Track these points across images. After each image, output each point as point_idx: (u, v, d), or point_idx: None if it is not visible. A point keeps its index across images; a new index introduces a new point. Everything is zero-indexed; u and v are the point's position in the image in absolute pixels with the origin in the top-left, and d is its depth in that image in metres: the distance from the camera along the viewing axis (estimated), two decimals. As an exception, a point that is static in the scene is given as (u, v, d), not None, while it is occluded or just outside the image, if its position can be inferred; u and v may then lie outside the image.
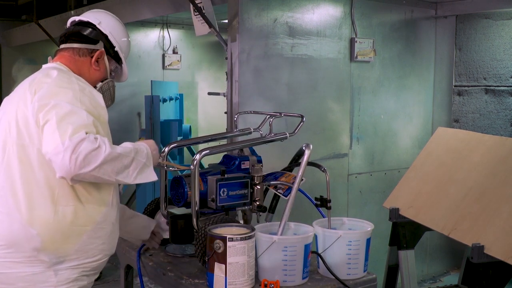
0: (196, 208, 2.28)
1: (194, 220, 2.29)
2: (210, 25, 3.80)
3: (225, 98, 3.87)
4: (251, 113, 3.06)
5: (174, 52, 6.63)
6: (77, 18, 2.39)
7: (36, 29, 6.69)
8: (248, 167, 2.55)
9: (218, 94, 4.29)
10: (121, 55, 2.38)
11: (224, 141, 3.49)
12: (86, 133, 1.94)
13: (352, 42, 4.30)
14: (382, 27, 4.55)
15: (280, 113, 2.74)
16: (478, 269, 2.60)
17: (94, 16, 2.37)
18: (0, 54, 8.30)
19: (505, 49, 4.76)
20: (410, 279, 3.21)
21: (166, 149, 2.48)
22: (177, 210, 2.56)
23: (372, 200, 4.58)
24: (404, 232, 3.22)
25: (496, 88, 4.83)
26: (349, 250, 2.27)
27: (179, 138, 5.58)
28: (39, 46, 8.02)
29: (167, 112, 5.78)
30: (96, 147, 1.92)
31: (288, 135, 2.59)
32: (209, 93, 4.83)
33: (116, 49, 2.35)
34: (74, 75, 2.21)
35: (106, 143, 1.97)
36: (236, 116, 2.95)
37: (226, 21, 3.84)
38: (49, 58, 2.34)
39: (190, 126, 6.06)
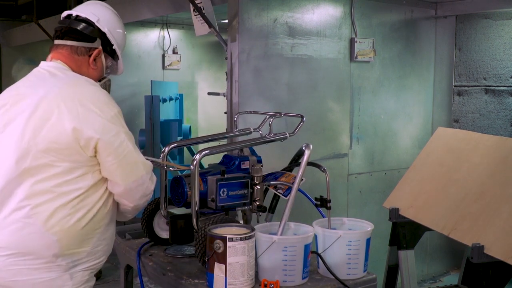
0: (196, 208, 2.28)
1: (194, 220, 2.29)
2: (210, 25, 3.80)
3: (225, 98, 3.87)
4: (251, 113, 3.06)
5: (174, 52, 6.63)
6: (74, 13, 2.28)
7: (36, 29, 6.70)
8: (248, 167, 2.55)
9: (218, 94, 4.29)
10: (118, 52, 2.33)
11: (224, 141, 3.49)
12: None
13: (352, 42, 4.30)
14: (382, 27, 4.55)
15: (280, 113, 2.74)
16: (478, 269, 2.60)
17: (92, 12, 2.26)
18: (0, 54, 8.31)
19: (505, 49, 4.76)
20: (410, 279, 3.21)
21: (166, 149, 2.48)
22: (177, 210, 2.56)
23: (372, 200, 4.58)
24: (404, 232, 3.22)
25: (496, 88, 4.83)
26: (349, 250, 2.27)
27: (179, 138, 5.59)
28: (39, 46, 8.02)
29: (167, 112, 5.79)
30: (152, 187, 2.21)
31: (288, 135, 2.59)
32: (209, 93, 4.83)
33: (114, 47, 2.31)
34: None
35: (153, 178, 2.22)
36: (236, 116, 2.95)
37: (226, 21, 3.84)
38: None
39: (190, 126, 6.06)
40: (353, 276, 2.29)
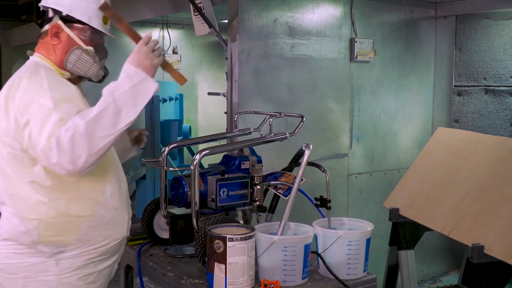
0: (196, 208, 2.28)
1: (194, 220, 2.29)
2: (210, 25, 3.80)
3: (225, 98, 3.87)
4: (251, 113, 3.06)
5: (174, 52, 6.63)
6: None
7: (36, 29, 6.67)
8: (248, 167, 2.55)
9: (218, 94, 4.29)
10: (76, 16, 2.16)
11: (224, 141, 3.49)
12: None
13: (352, 42, 4.30)
14: (382, 27, 4.55)
15: (280, 113, 2.74)
16: (478, 269, 2.60)
17: None
18: (0, 54, 8.30)
19: (505, 49, 4.76)
20: (410, 279, 3.21)
21: (166, 149, 2.48)
22: (177, 210, 2.56)
23: (372, 200, 4.58)
24: (404, 232, 3.22)
25: (496, 88, 4.83)
26: (349, 250, 2.27)
27: (179, 138, 5.58)
28: (39, 46, 8.02)
29: (167, 112, 5.78)
30: (70, 134, 1.87)
31: (288, 135, 2.59)
32: (209, 93, 4.83)
33: (64, 13, 2.16)
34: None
35: (75, 120, 1.89)
36: (236, 116, 2.95)
37: (226, 21, 3.83)
38: (28, 52, 2.32)
39: (190, 126, 6.06)
40: (353, 276, 2.29)
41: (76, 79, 2.26)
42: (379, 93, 4.59)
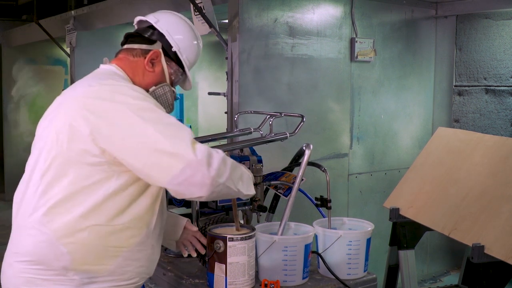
0: (197, 208, 2.28)
1: (195, 220, 2.29)
2: (210, 25, 3.80)
3: (225, 98, 3.87)
4: (251, 113, 3.06)
5: (175, 52, 6.62)
6: (139, 18, 2.17)
7: (37, 29, 6.69)
8: (248, 167, 2.55)
9: (218, 94, 4.29)
10: (182, 58, 2.10)
11: (224, 141, 3.49)
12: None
13: (352, 42, 4.30)
14: (382, 27, 4.55)
15: (280, 113, 2.74)
16: (478, 269, 2.60)
17: (154, 15, 2.13)
18: (0, 54, 8.31)
19: (505, 49, 4.76)
20: (410, 279, 3.21)
21: (167, 149, 2.47)
22: (177, 210, 2.56)
23: (372, 200, 4.58)
24: (404, 232, 3.22)
25: (496, 88, 4.83)
26: (349, 250, 2.27)
27: (179, 138, 5.58)
28: (40, 46, 8.02)
29: (167, 112, 5.78)
30: (221, 155, 1.82)
31: (288, 135, 2.59)
32: (209, 93, 4.83)
33: (173, 49, 2.08)
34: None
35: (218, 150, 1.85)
36: (236, 116, 2.95)
37: (227, 21, 3.84)
38: (105, 59, 2.14)
39: (190, 126, 6.07)
40: (354, 276, 2.29)
41: None
42: (379, 93, 4.59)
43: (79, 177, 1.82)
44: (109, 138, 1.79)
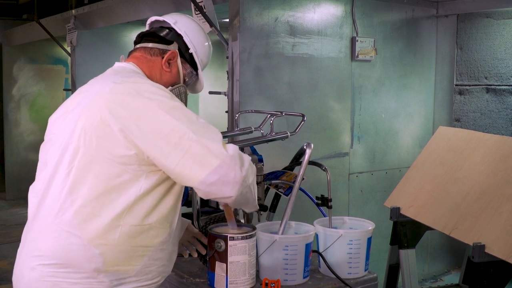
0: (197, 207, 2.28)
1: (195, 219, 2.29)
2: (211, 24, 3.80)
3: (226, 97, 3.87)
4: (252, 112, 3.06)
5: (175, 51, 6.62)
6: (153, 18, 2.20)
7: (37, 28, 6.70)
8: (249, 166, 2.54)
9: (219, 93, 4.29)
10: (197, 59, 2.15)
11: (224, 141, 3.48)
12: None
13: (353, 41, 4.30)
14: (383, 26, 4.55)
15: (281, 112, 2.74)
16: (479, 268, 2.60)
17: (171, 16, 2.17)
18: (1, 54, 8.31)
19: (506, 48, 4.76)
20: (411, 278, 3.21)
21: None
22: (178, 209, 2.56)
23: (373, 199, 4.58)
24: (405, 231, 3.22)
25: (497, 87, 4.82)
26: (350, 249, 2.27)
27: (180, 137, 5.58)
28: (40, 45, 8.03)
29: (168, 111, 5.77)
30: (249, 157, 1.87)
31: (289, 134, 2.59)
32: (210, 92, 4.83)
33: (190, 51, 2.13)
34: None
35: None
36: (237, 115, 2.95)
37: (227, 20, 3.84)
38: (122, 56, 2.15)
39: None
40: (354, 275, 2.29)
41: None
42: (380, 92, 4.59)
43: (108, 176, 1.79)
44: (141, 135, 1.77)
